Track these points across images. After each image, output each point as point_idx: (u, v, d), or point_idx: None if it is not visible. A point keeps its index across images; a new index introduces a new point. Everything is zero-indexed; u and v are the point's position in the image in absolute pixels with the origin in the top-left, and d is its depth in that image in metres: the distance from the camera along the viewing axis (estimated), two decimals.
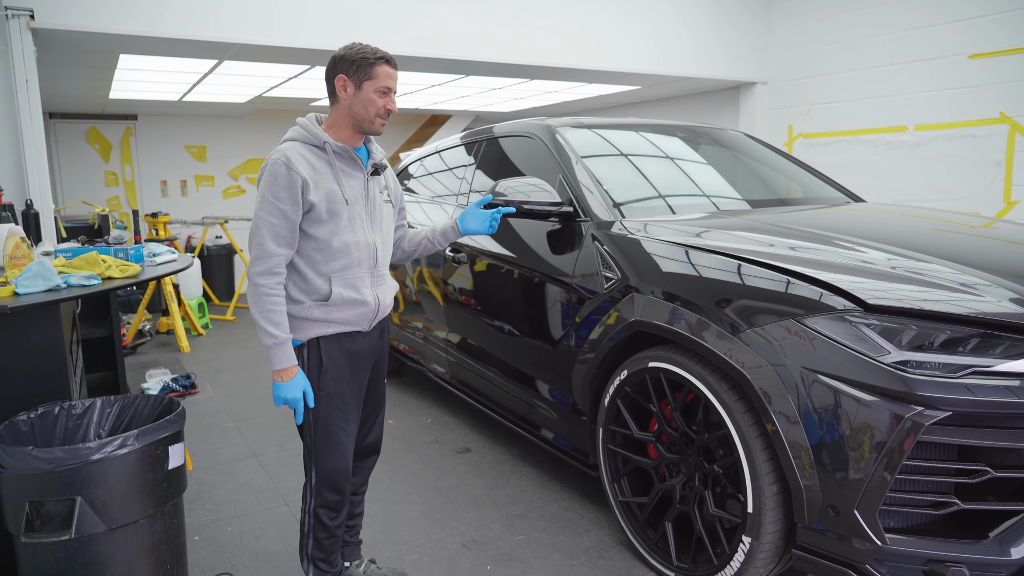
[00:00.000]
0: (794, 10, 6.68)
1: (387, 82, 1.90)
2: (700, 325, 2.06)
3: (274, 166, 1.84)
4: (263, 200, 1.84)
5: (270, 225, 1.83)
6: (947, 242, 2.40)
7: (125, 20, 4.28)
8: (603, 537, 2.60)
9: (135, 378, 4.79)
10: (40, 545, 1.81)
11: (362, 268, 1.95)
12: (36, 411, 2.06)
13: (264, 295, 1.84)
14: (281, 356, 1.87)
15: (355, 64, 1.89)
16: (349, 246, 1.91)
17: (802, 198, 3.31)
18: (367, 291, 1.97)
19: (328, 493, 2.00)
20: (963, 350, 1.71)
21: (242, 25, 4.60)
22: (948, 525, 1.76)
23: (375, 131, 1.93)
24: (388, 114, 1.92)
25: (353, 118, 1.92)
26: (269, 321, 1.85)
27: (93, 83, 6.58)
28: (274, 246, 1.84)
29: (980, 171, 5.43)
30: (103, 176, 9.12)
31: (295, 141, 1.91)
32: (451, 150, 3.97)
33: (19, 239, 2.54)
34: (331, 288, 1.90)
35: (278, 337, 1.85)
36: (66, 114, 8.77)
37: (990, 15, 5.24)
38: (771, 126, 7.04)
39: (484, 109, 9.74)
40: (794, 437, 1.81)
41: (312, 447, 1.99)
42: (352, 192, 1.93)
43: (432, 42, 5.37)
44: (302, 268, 1.91)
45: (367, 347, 2.02)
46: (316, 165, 1.88)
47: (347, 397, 1.99)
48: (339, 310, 1.92)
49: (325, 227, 1.88)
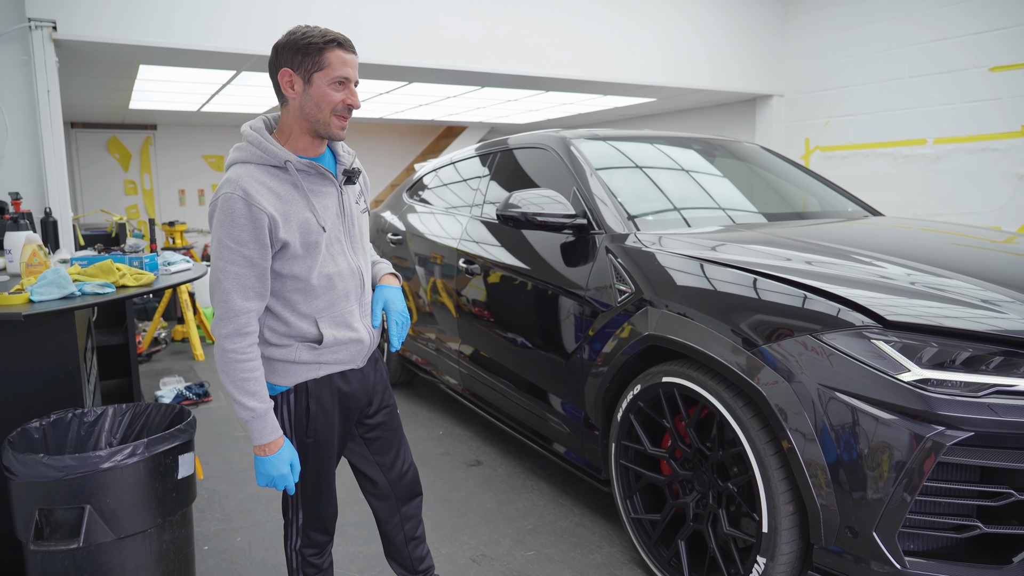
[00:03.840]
0: (811, 23, 6.66)
1: (342, 71, 1.53)
2: (715, 340, 2.03)
3: (228, 203, 1.47)
4: (221, 247, 1.49)
5: (234, 277, 1.49)
6: (968, 257, 2.36)
7: (145, 31, 4.35)
8: (615, 554, 2.56)
9: (149, 385, 4.81)
10: (49, 553, 1.80)
11: (350, 300, 1.66)
12: (48, 418, 2.07)
13: (234, 362, 1.52)
14: (262, 429, 1.57)
15: (300, 52, 1.52)
16: (332, 279, 1.61)
17: (819, 211, 3.27)
18: (359, 325, 1.69)
19: (316, 535, 1.81)
20: (985, 368, 1.66)
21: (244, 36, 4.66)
22: (970, 549, 1.71)
23: (333, 135, 1.58)
24: (349, 111, 1.57)
25: (307, 120, 1.56)
26: (243, 391, 1.54)
27: (114, 93, 6.68)
28: (241, 301, 1.51)
29: (1000, 185, 5.35)
30: (122, 185, 9.25)
31: (247, 164, 1.54)
32: (466, 161, 3.98)
33: (36, 247, 2.56)
34: (320, 331, 1.61)
35: (256, 410, 1.55)
36: (87, 123, 8.92)
37: (1010, 27, 5.18)
38: (788, 139, 7.00)
39: (499, 121, 9.78)
40: (811, 455, 1.77)
41: (299, 494, 1.76)
42: (327, 214, 1.60)
43: (445, 54, 5.39)
44: (280, 312, 1.60)
45: (360, 385, 1.74)
46: (281, 192, 1.53)
47: (337, 443, 1.75)
48: (331, 352, 1.65)
49: (301, 263, 1.56)
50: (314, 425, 1.67)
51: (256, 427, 1.57)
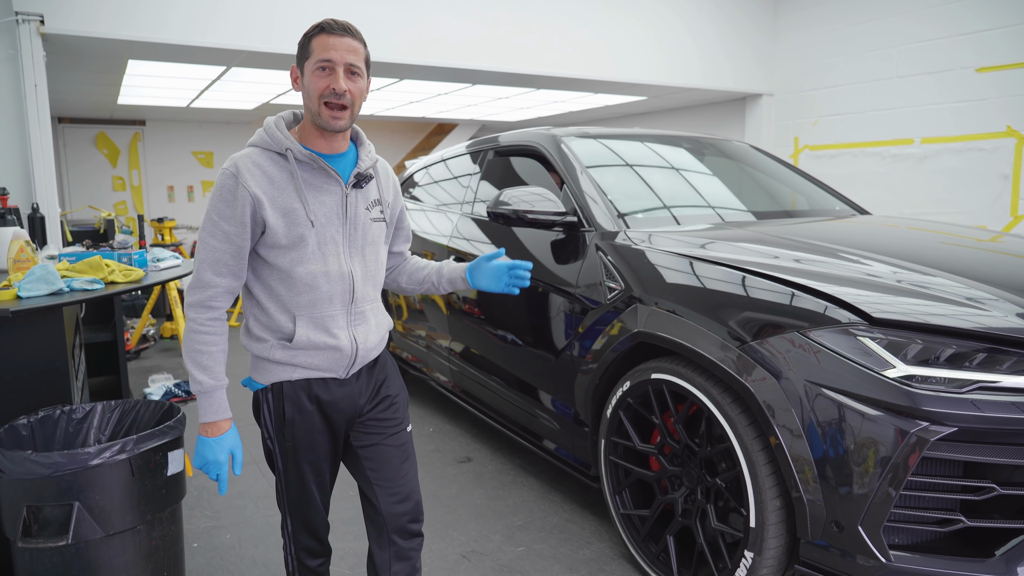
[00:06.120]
0: (801, 22, 6.69)
1: (324, 54, 1.49)
2: (704, 337, 2.04)
3: (221, 178, 1.52)
4: (207, 218, 1.52)
5: (211, 250, 1.51)
6: (953, 256, 2.38)
7: (134, 26, 4.32)
8: (604, 550, 2.58)
9: (138, 383, 4.79)
10: (37, 551, 1.80)
11: (333, 304, 1.59)
12: (36, 415, 2.06)
13: (192, 331, 1.52)
14: (209, 406, 1.54)
15: (300, 46, 1.55)
16: (316, 277, 1.56)
17: (807, 210, 3.29)
18: (341, 332, 1.60)
19: (306, 539, 1.73)
20: (969, 365, 1.69)
21: (242, 32, 4.63)
22: (953, 543, 1.74)
23: (327, 125, 1.52)
24: (338, 96, 1.50)
25: (309, 113, 1.56)
26: (195, 363, 1.52)
27: (102, 88, 6.63)
28: (212, 275, 1.52)
29: (987, 184, 5.41)
30: (110, 181, 9.18)
31: (253, 147, 1.58)
32: (456, 159, 3.98)
33: (23, 242, 2.54)
34: (295, 328, 1.56)
35: (203, 384, 1.53)
36: (75, 119, 8.84)
37: (998, 28, 5.23)
38: (777, 138, 7.04)
39: (490, 118, 9.78)
40: (798, 451, 1.79)
41: (284, 499, 1.69)
42: (322, 210, 1.56)
43: (438, 51, 5.39)
44: (263, 301, 1.58)
45: (343, 396, 1.63)
46: (274, 177, 1.53)
47: (320, 451, 1.65)
48: (306, 354, 1.57)
49: (286, 254, 1.54)
50: (291, 429, 1.61)
51: (203, 402, 1.55)
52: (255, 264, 1.58)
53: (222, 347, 1.56)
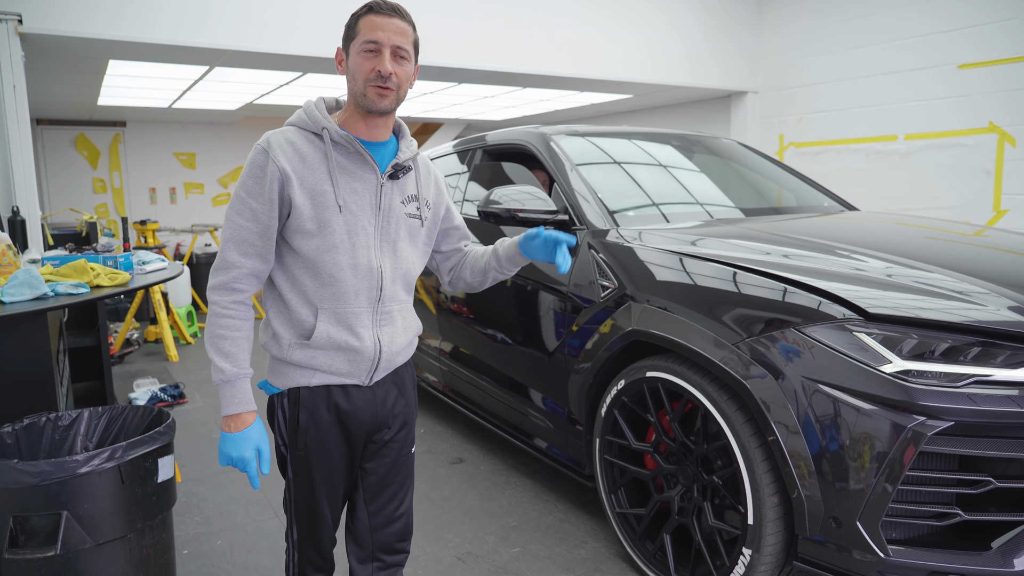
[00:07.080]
0: (785, 19, 6.73)
1: (371, 35, 1.44)
2: (698, 334, 2.04)
3: (253, 153, 1.47)
4: (235, 196, 1.48)
5: (237, 228, 1.45)
6: (942, 250, 2.40)
7: (115, 25, 4.25)
8: (600, 549, 2.57)
9: (123, 388, 4.72)
10: (24, 562, 1.76)
11: (359, 301, 1.50)
12: (21, 423, 2.02)
13: (215, 315, 1.46)
14: (231, 396, 1.46)
15: (346, 27, 1.51)
16: (343, 269, 1.47)
17: (795, 206, 3.31)
18: (365, 332, 1.51)
19: (311, 552, 1.66)
20: (964, 359, 1.70)
21: (232, 31, 4.58)
22: (950, 536, 1.75)
23: (373, 106, 1.46)
24: (384, 79, 1.44)
25: (352, 96, 1.50)
26: (216, 349, 1.45)
27: (82, 89, 6.53)
28: (237, 255, 1.45)
29: (970, 180, 5.47)
30: (91, 183, 9.05)
31: (290, 125, 1.53)
32: (443, 158, 3.95)
33: (5, 246, 2.49)
34: (316, 323, 1.48)
35: (225, 372, 1.45)
36: (54, 120, 8.70)
37: (980, 25, 5.29)
38: (762, 135, 7.08)
39: (476, 117, 9.75)
40: (794, 447, 1.79)
41: (292, 508, 1.62)
42: (353, 197, 1.48)
43: (425, 49, 5.35)
44: (285, 292, 1.50)
45: (365, 406, 1.56)
46: (307, 156, 1.47)
47: (334, 464, 1.57)
48: (326, 355, 1.49)
49: (312, 240, 1.46)
50: (304, 438, 1.54)
51: (225, 393, 1.47)
52: (280, 251, 1.52)
53: (246, 333, 1.48)
